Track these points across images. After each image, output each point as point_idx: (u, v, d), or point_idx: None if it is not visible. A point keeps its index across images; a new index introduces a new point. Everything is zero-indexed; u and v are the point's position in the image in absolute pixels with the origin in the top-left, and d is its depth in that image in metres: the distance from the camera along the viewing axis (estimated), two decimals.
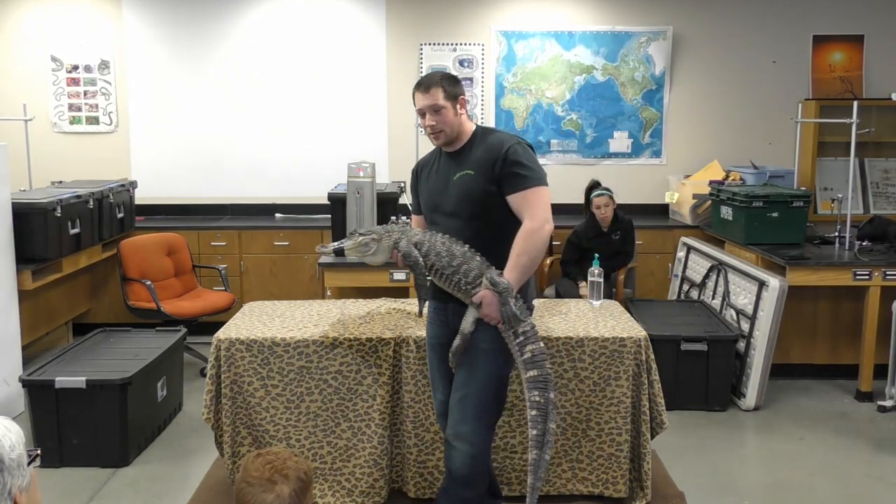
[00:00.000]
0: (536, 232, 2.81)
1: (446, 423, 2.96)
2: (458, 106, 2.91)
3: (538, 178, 2.86)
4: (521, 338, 2.83)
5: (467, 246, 2.85)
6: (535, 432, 2.80)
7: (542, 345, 2.86)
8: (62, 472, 3.86)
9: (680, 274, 5.83)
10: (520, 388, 3.38)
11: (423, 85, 2.93)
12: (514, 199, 2.85)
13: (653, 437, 3.46)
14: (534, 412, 2.80)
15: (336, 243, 3.05)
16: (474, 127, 2.99)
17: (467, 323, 2.87)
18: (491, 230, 2.90)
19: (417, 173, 3.13)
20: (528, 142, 2.97)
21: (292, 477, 1.94)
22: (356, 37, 6.52)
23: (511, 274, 2.81)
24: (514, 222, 2.86)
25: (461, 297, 2.89)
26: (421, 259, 2.88)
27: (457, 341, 2.87)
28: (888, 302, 4.70)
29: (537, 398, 2.81)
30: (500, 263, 2.84)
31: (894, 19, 6.52)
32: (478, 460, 2.88)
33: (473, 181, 2.87)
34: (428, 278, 2.95)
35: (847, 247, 5.09)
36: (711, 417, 4.59)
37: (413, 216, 3.24)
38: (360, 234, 2.97)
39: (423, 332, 3.37)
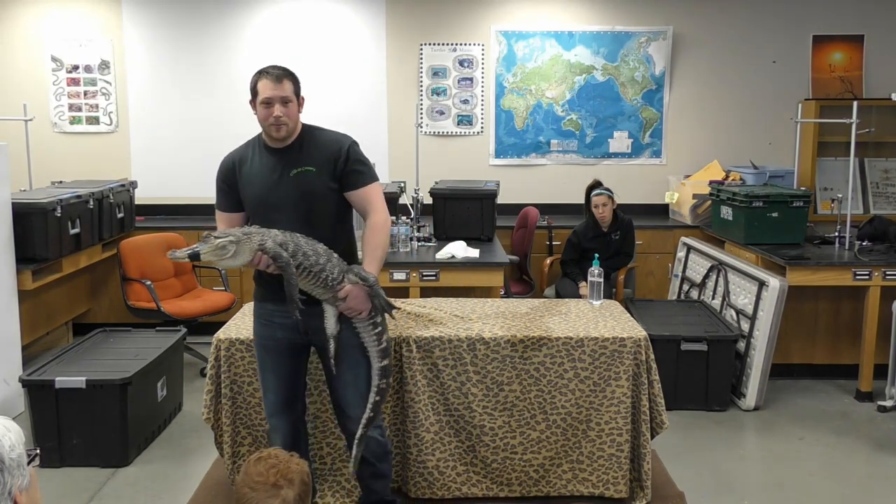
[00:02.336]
0: (385, 224, 3.01)
1: (282, 420, 3.07)
2: (301, 103, 2.99)
3: (375, 175, 3.07)
4: (379, 328, 2.95)
5: (321, 244, 2.87)
6: (371, 414, 2.94)
7: (390, 335, 3.04)
8: (62, 472, 3.86)
9: (680, 274, 5.83)
10: (520, 389, 3.39)
11: (273, 75, 2.93)
12: (357, 195, 3.00)
13: (653, 437, 3.46)
14: (377, 398, 2.95)
15: (190, 248, 2.78)
16: (301, 125, 3.03)
17: (332, 324, 2.92)
18: (328, 226, 2.96)
19: (234, 168, 3.02)
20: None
21: (296, 481, 1.92)
22: (356, 37, 6.53)
23: (372, 267, 2.94)
24: (344, 219, 3.05)
25: (323, 294, 2.87)
26: (291, 259, 2.78)
27: (332, 346, 2.92)
28: (888, 302, 4.70)
29: (382, 385, 2.96)
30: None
31: (894, 19, 6.52)
32: (385, 436, 3.17)
33: (316, 178, 2.95)
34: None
35: (847, 247, 5.09)
36: (711, 417, 4.59)
37: (221, 214, 3.07)
38: (216, 237, 2.76)
39: (424, 332, 3.37)
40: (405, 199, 5.79)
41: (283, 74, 2.96)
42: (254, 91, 2.97)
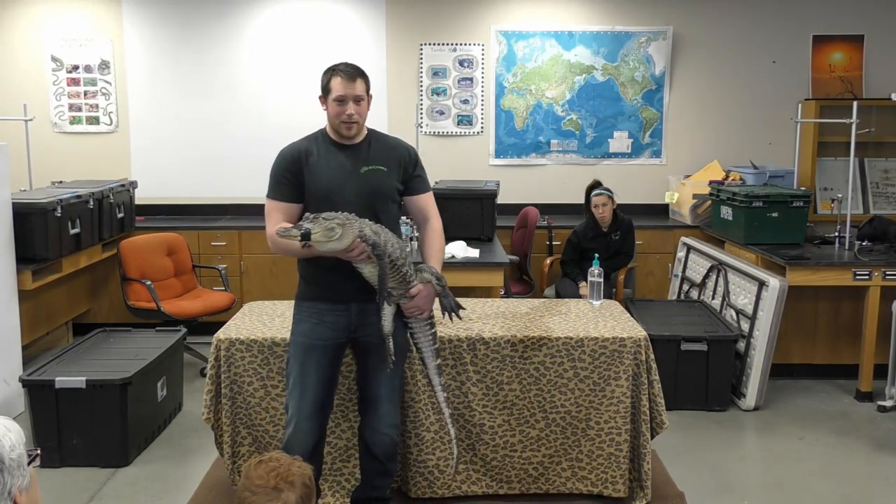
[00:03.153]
0: (442, 230, 3.16)
1: (314, 423, 3.01)
2: (369, 102, 3.03)
3: (429, 184, 3.20)
4: (434, 328, 3.02)
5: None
6: (450, 410, 3.13)
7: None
8: (62, 472, 3.86)
9: (680, 274, 5.83)
10: (520, 388, 3.39)
11: (347, 73, 2.95)
12: (418, 200, 3.11)
13: (653, 437, 3.46)
14: (445, 394, 3.08)
15: (297, 226, 2.71)
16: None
17: (389, 322, 2.92)
18: (389, 226, 2.97)
19: (300, 159, 2.98)
20: None
21: (298, 483, 1.91)
22: (356, 37, 6.53)
23: (438, 268, 3.02)
24: (398, 221, 3.12)
25: (397, 289, 2.88)
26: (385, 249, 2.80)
27: (390, 343, 2.93)
28: (888, 302, 4.70)
29: (444, 382, 3.08)
30: None
31: (894, 19, 6.52)
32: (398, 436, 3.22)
33: (386, 177, 3.01)
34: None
35: (847, 247, 5.09)
36: (711, 417, 4.59)
37: (280, 204, 2.99)
38: (325, 218, 2.71)
39: None
40: None
41: (356, 73, 2.97)
42: (326, 88, 2.99)
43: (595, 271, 3.98)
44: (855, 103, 5.38)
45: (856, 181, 6.38)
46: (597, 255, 4.22)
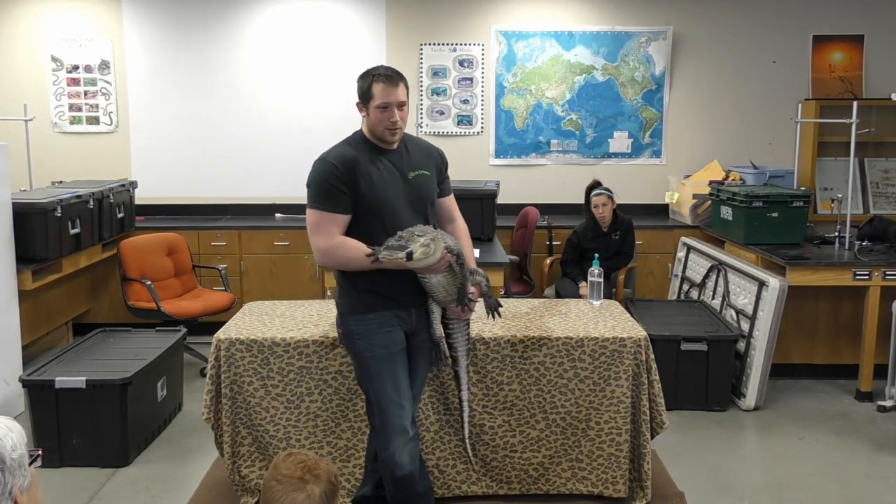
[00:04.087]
0: (467, 230, 3.19)
1: (414, 428, 2.97)
2: (408, 104, 2.95)
3: None
4: (468, 328, 3.09)
5: None
6: (469, 410, 3.23)
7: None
8: (62, 472, 3.86)
9: (680, 274, 5.83)
10: (520, 388, 3.39)
11: (389, 78, 2.84)
12: (446, 201, 3.14)
13: (653, 437, 3.46)
14: (469, 394, 3.18)
15: (396, 249, 2.66)
16: None
17: (439, 326, 2.98)
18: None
19: (352, 170, 2.84)
20: None
21: (323, 478, 1.92)
22: (356, 37, 6.53)
23: (473, 266, 3.04)
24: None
25: (456, 294, 2.90)
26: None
27: (444, 347, 3.00)
28: (888, 302, 4.70)
29: (467, 382, 3.17)
30: None
31: (894, 19, 6.52)
32: None
33: (430, 181, 3.02)
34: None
35: (847, 247, 5.09)
36: (711, 417, 4.59)
37: (335, 216, 2.85)
38: (418, 235, 2.69)
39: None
40: None
41: (397, 77, 2.86)
42: (366, 95, 2.85)
43: (595, 271, 3.98)
44: (855, 103, 5.38)
45: (856, 181, 6.39)
46: (597, 255, 4.22)
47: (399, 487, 2.94)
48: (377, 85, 2.82)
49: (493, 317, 3.10)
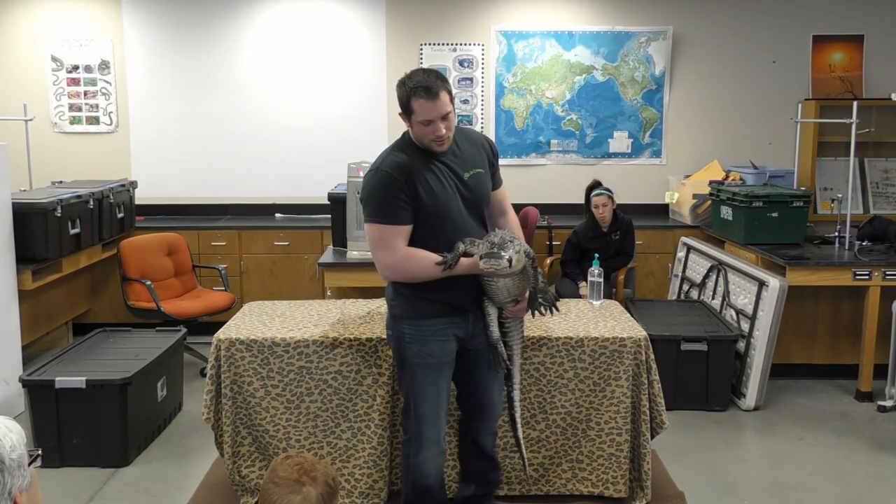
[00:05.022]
0: (518, 222, 3.09)
1: (444, 443, 2.98)
2: (453, 105, 2.78)
3: None
4: (523, 325, 3.02)
5: None
6: (520, 411, 3.11)
7: None
8: (62, 472, 3.86)
9: (680, 274, 5.83)
10: (520, 388, 3.39)
11: (431, 91, 2.65)
12: (499, 193, 3.03)
13: (653, 437, 3.46)
14: (520, 394, 3.10)
15: (495, 257, 2.60)
16: None
17: (496, 329, 2.92)
18: (486, 227, 2.94)
19: (409, 179, 2.73)
20: None
21: (320, 480, 1.93)
22: (356, 37, 6.52)
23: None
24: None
25: (517, 295, 2.84)
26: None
27: (502, 349, 2.92)
28: (888, 302, 4.70)
29: (519, 381, 3.08)
30: None
31: (894, 19, 6.52)
32: None
33: (486, 178, 2.91)
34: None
35: (847, 247, 5.08)
36: (711, 417, 4.59)
37: (400, 228, 2.76)
38: (508, 241, 2.66)
39: None
40: None
41: (438, 88, 2.67)
42: (406, 108, 2.72)
43: (595, 271, 3.98)
44: (855, 103, 5.38)
45: (856, 181, 6.38)
46: (597, 255, 4.22)
47: (418, 494, 2.96)
48: (417, 101, 2.67)
49: (551, 312, 3.06)
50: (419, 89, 2.66)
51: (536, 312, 2.96)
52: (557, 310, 3.08)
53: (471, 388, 3.06)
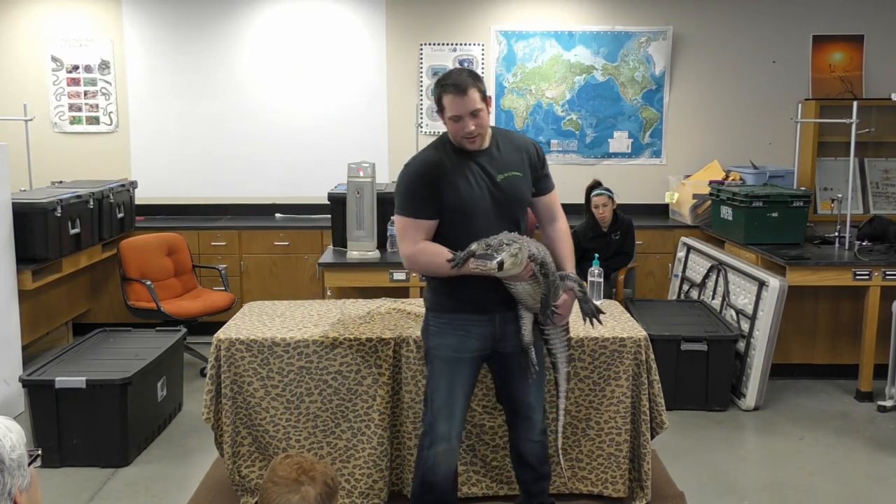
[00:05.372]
0: (569, 231, 3.11)
1: (457, 441, 2.95)
2: (488, 104, 2.85)
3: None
4: (568, 335, 2.97)
5: None
6: (564, 421, 3.09)
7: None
8: (62, 472, 3.86)
9: (680, 274, 5.83)
10: None
11: (459, 88, 2.73)
12: (546, 199, 3.02)
13: (653, 437, 3.46)
14: (566, 402, 3.00)
15: (486, 258, 2.61)
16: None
17: (529, 332, 2.89)
18: (523, 232, 2.94)
19: (435, 174, 2.82)
20: None
21: (319, 480, 1.93)
22: (356, 37, 6.53)
23: (572, 271, 2.98)
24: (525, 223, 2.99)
25: (546, 301, 2.80)
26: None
27: (533, 354, 2.90)
28: (888, 302, 4.70)
29: (567, 389, 3.03)
30: None
31: (894, 19, 6.52)
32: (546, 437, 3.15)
33: (524, 183, 2.91)
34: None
35: (847, 247, 5.09)
36: (711, 417, 4.59)
37: (419, 222, 2.84)
38: (506, 244, 2.65)
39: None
40: None
41: (467, 84, 2.74)
42: (439, 105, 2.82)
43: (595, 271, 3.98)
44: (855, 103, 5.38)
45: (856, 181, 6.38)
46: (597, 255, 4.22)
47: (425, 489, 2.96)
48: (446, 96, 2.76)
49: (592, 324, 2.95)
50: (449, 86, 2.76)
51: (549, 321, 2.88)
52: (600, 322, 2.98)
53: (506, 392, 3.06)
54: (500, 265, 2.60)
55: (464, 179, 2.82)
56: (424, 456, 2.94)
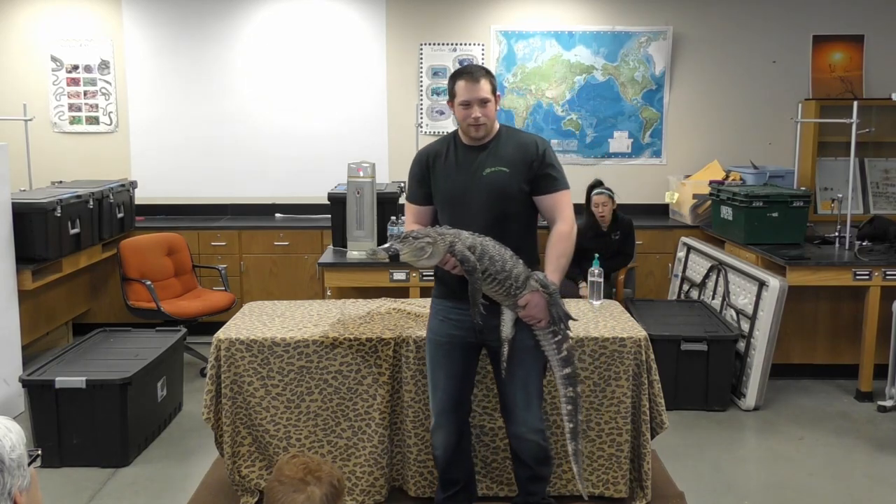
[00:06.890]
0: (570, 234, 3.03)
1: (448, 419, 3.07)
2: (496, 101, 2.97)
3: (566, 181, 3.07)
4: (559, 336, 2.92)
5: (509, 249, 2.86)
6: (571, 426, 2.94)
7: (572, 342, 3.02)
8: (62, 472, 3.86)
9: (680, 274, 5.83)
10: None
11: (472, 75, 2.91)
12: (546, 200, 3.01)
13: (653, 437, 3.46)
14: (569, 407, 2.93)
15: (388, 245, 2.82)
16: (498, 125, 3.05)
17: (507, 328, 2.92)
18: (516, 229, 2.95)
19: (428, 162, 3.04)
20: None
21: (325, 481, 1.93)
22: (356, 37, 6.52)
23: (555, 276, 2.95)
24: (531, 223, 3.06)
25: (505, 300, 2.87)
26: (477, 263, 2.78)
27: (505, 350, 2.93)
28: (888, 302, 4.70)
29: (571, 393, 2.93)
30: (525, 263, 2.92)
31: (894, 19, 6.52)
32: (547, 440, 3.15)
33: (509, 178, 2.94)
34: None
35: (847, 247, 5.09)
36: (711, 417, 4.59)
37: (411, 206, 3.11)
38: (414, 238, 2.78)
39: (424, 332, 3.36)
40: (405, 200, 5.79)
41: (480, 75, 2.92)
42: (451, 92, 2.97)
43: (595, 271, 3.98)
44: (855, 103, 5.38)
45: (856, 181, 6.38)
46: (597, 255, 4.22)
47: (436, 463, 3.21)
48: (460, 82, 2.92)
49: (559, 329, 2.90)
50: (463, 73, 2.94)
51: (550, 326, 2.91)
52: (568, 328, 2.94)
53: (497, 385, 3.14)
54: (395, 254, 2.80)
55: (453, 170, 2.98)
56: (432, 432, 3.17)
